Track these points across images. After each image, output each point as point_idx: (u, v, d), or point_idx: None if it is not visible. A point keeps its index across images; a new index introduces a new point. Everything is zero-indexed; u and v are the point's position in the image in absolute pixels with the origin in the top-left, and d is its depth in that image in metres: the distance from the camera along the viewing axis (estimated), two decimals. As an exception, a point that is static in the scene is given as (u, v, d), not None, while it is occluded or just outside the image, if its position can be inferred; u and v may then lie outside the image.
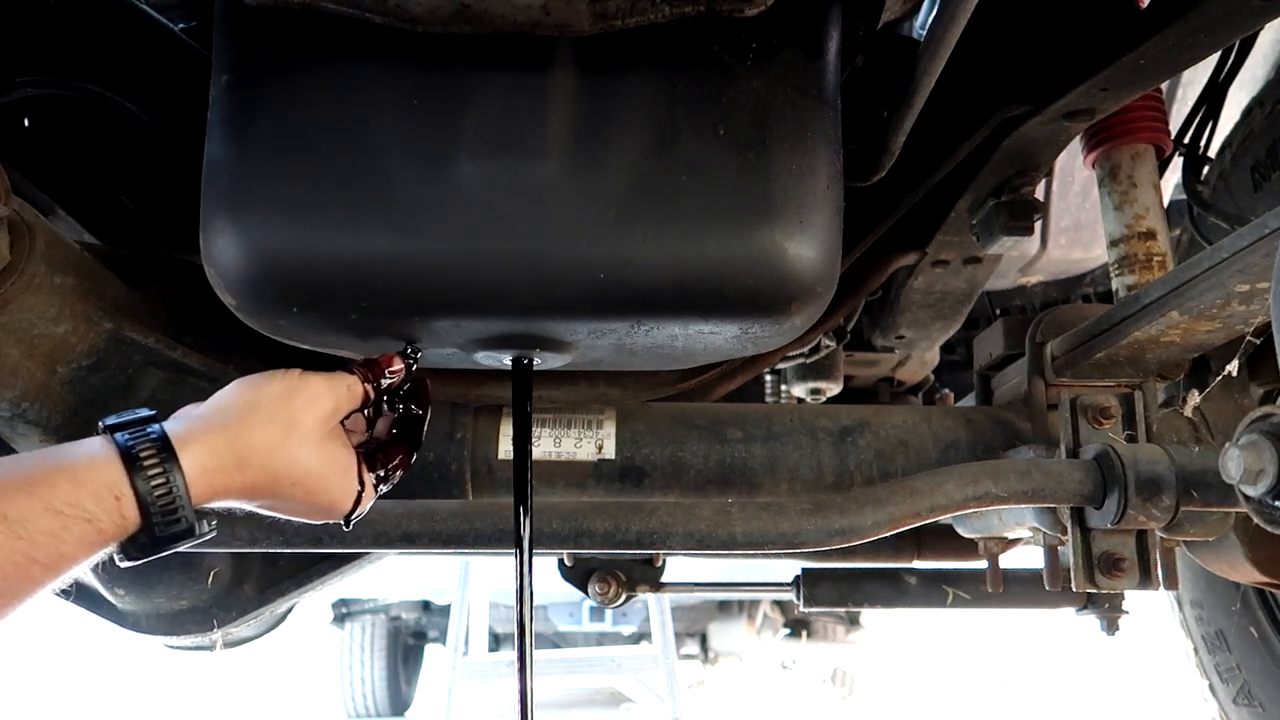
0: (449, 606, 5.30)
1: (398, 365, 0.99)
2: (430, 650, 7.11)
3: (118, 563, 0.78)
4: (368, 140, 0.94)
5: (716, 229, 0.94)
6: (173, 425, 0.82)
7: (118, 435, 0.78)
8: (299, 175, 0.93)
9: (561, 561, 1.69)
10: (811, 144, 0.95)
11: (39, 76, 1.29)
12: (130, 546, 0.78)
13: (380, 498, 1.00)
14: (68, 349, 1.17)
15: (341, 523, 0.94)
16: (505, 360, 1.11)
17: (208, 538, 0.82)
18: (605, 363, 1.16)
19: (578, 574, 1.69)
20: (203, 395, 1.23)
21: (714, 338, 1.04)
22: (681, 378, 1.41)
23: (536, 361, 1.11)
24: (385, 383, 0.97)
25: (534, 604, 1.07)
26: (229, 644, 1.62)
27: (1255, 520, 0.88)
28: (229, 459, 0.83)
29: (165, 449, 0.78)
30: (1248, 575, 1.37)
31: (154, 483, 0.77)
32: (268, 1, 0.89)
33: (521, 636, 1.06)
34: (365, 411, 0.98)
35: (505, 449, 1.32)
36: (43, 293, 1.11)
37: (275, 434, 0.86)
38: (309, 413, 0.88)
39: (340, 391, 0.92)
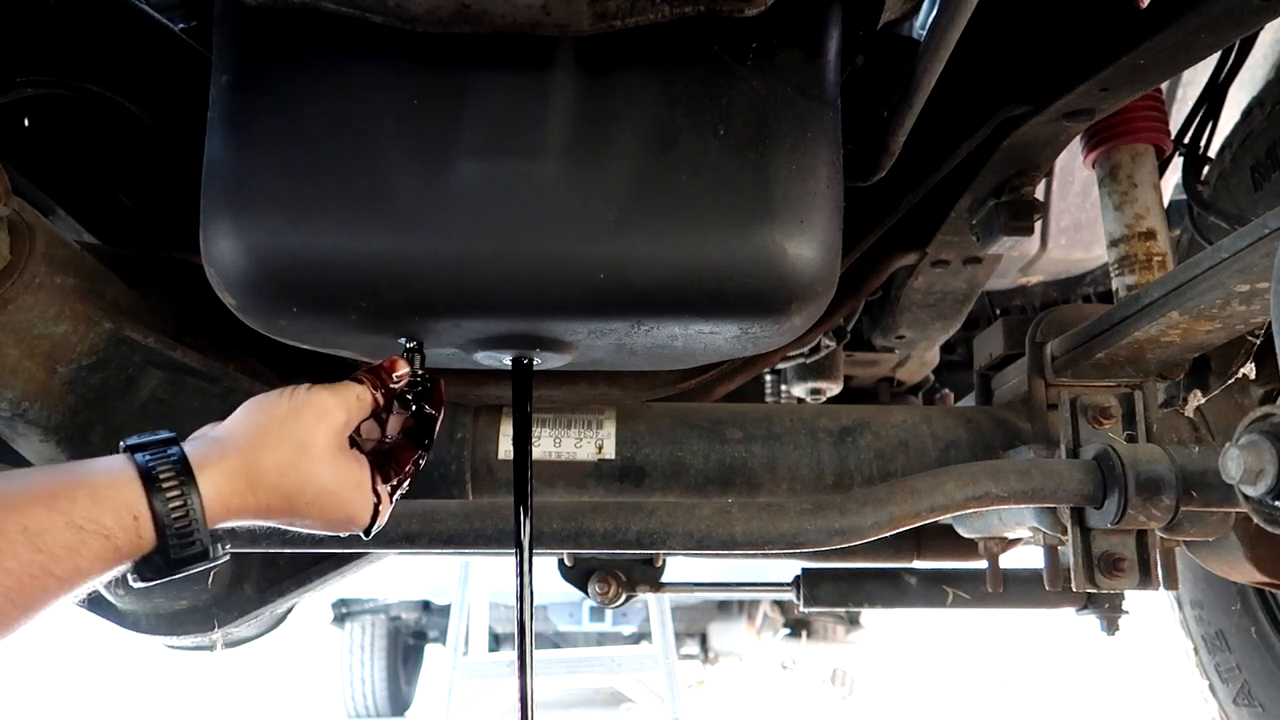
0: (449, 606, 5.30)
1: (403, 369, 0.98)
2: (430, 650, 7.10)
3: (131, 583, 0.79)
4: (368, 140, 0.94)
5: (716, 229, 0.94)
6: (191, 447, 0.82)
7: (138, 456, 0.79)
8: (299, 175, 0.93)
9: (561, 561, 1.69)
10: (811, 144, 0.95)
11: (39, 76, 1.29)
12: (145, 567, 0.78)
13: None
14: (68, 349, 1.17)
15: (361, 534, 0.94)
16: (505, 360, 1.11)
17: (222, 561, 0.82)
18: (605, 363, 1.16)
19: (578, 574, 1.69)
20: (203, 395, 1.25)
21: (714, 338, 1.04)
22: (681, 378, 1.41)
23: (536, 361, 1.11)
24: (393, 387, 0.97)
25: (534, 604, 1.07)
26: (229, 644, 1.62)
27: (1255, 520, 0.88)
28: (242, 482, 0.83)
29: (184, 471, 0.79)
30: (1248, 575, 1.37)
31: (172, 504, 0.77)
32: (268, 1, 0.89)
33: (521, 636, 1.06)
34: (379, 416, 0.98)
35: (505, 449, 1.32)
36: (43, 293, 1.11)
37: (286, 455, 0.86)
38: (319, 430, 0.88)
39: (350, 403, 0.92)
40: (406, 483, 0.98)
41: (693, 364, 1.21)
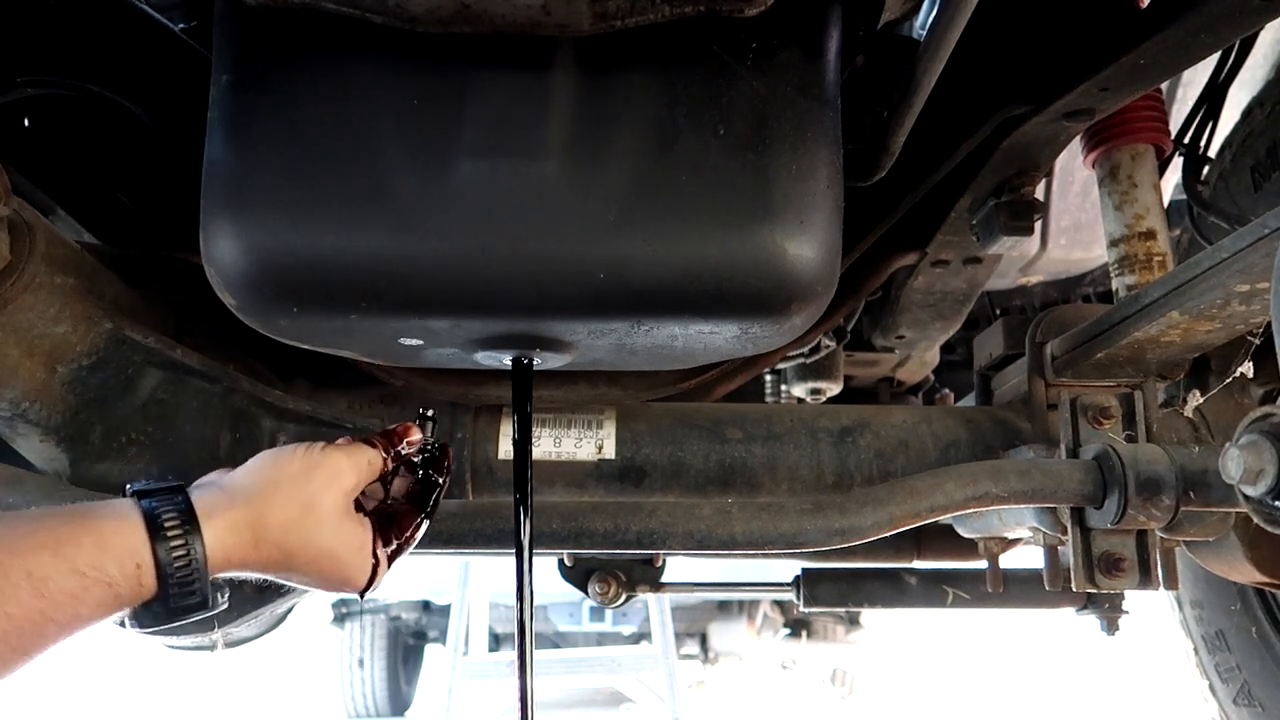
0: (449, 606, 5.29)
1: (415, 436, 0.99)
2: (430, 650, 7.10)
3: (128, 628, 0.79)
4: (368, 140, 0.94)
5: (716, 229, 0.94)
6: (198, 495, 0.83)
7: (144, 502, 0.79)
8: (299, 175, 0.93)
9: (561, 561, 1.69)
10: (811, 144, 0.95)
11: (39, 76, 1.29)
12: (144, 614, 0.79)
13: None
14: (68, 349, 1.17)
15: (357, 596, 0.95)
16: (505, 360, 1.11)
17: (219, 610, 0.83)
18: (605, 363, 1.16)
19: (578, 574, 1.69)
20: (203, 395, 1.25)
21: (714, 338, 1.04)
22: (681, 378, 1.41)
23: (536, 361, 1.11)
24: (403, 452, 0.98)
25: (534, 604, 1.07)
26: (229, 644, 1.62)
27: (1255, 520, 0.88)
28: (247, 535, 0.84)
29: (189, 520, 0.79)
30: (1248, 575, 1.37)
31: (175, 553, 0.78)
32: (268, 1, 0.89)
33: (521, 636, 1.06)
34: (384, 478, 0.98)
35: (505, 449, 1.32)
36: (43, 293, 1.11)
37: (294, 513, 0.86)
38: (329, 492, 0.89)
39: (361, 466, 0.93)
40: (409, 545, 0.98)
41: (693, 364, 1.21)
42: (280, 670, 8.79)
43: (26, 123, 1.39)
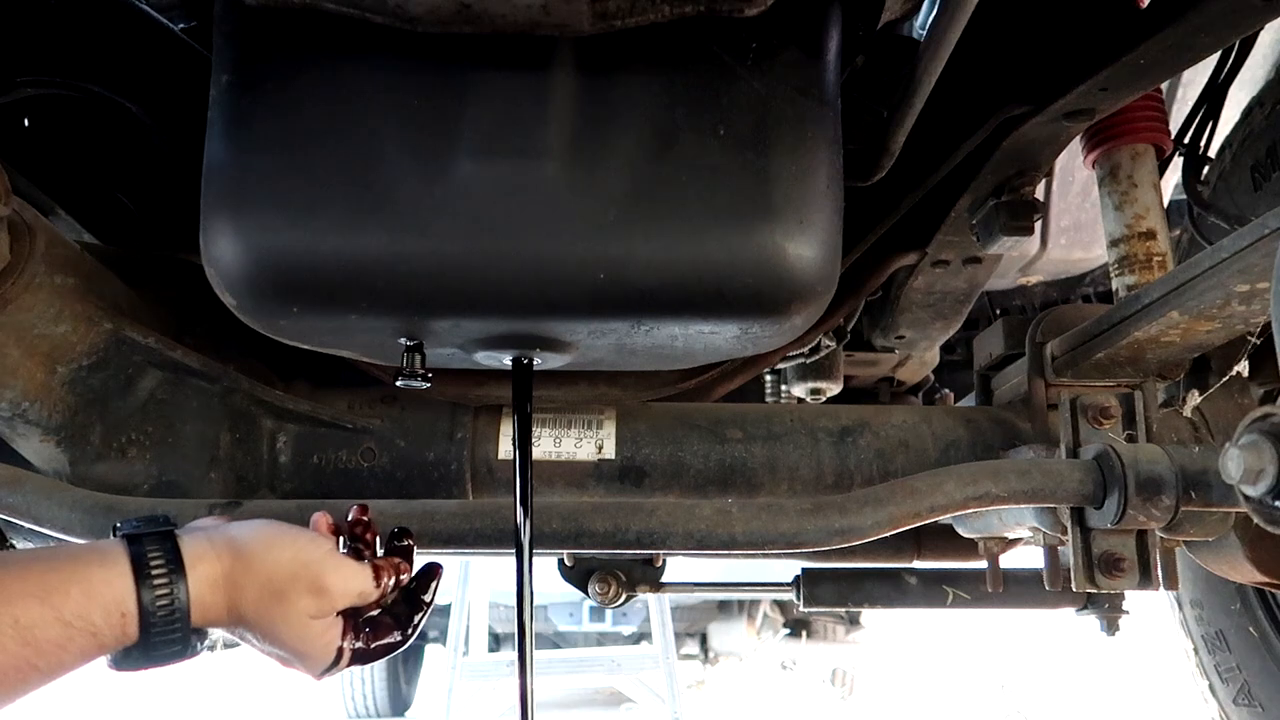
0: (449, 606, 5.30)
1: (431, 594, 0.99)
2: (430, 650, 7.10)
3: (105, 667, 0.80)
4: (368, 140, 0.94)
5: (716, 229, 0.94)
6: (187, 540, 0.84)
7: (133, 547, 0.80)
8: (299, 175, 0.93)
9: (561, 561, 1.69)
10: (811, 144, 0.95)
11: (39, 76, 1.29)
12: (123, 658, 0.80)
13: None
14: (68, 349, 1.17)
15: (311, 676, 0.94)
16: (505, 360, 1.11)
17: (199, 655, 0.84)
18: (605, 363, 1.16)
19: (578, 574, 1.69)
20: (203, 395, 1.25)
21: (714, 338, 1.04)
22: (681, 378, 1.41)
23: (536, 361, 1.11)
24: (399, 582, 0.97)
25: (534, 604, 1.07)
26: (229, 644, 1.62)
27: (1255, 520, 0.88)
28: (221, 599, 0.84)
29: (175, 565, 0.81)
30: (1248, 575, 1.37)
31: (159, 599, 0.79)
32: (268, 1, 0.89)
33: (521, 636, 1.06)
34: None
35: (505, 449, 1.32)
36: (43, 293, 1.11)
37: (265, 600, 0.86)
38: (306, 599, 0.88)
39: (351, 595, 0.92)
40: (376, 655, 0.97)
41: (693, 364, 1.21)
42: (280, 670, 8.77)
43: (26, 123, 1.39)
